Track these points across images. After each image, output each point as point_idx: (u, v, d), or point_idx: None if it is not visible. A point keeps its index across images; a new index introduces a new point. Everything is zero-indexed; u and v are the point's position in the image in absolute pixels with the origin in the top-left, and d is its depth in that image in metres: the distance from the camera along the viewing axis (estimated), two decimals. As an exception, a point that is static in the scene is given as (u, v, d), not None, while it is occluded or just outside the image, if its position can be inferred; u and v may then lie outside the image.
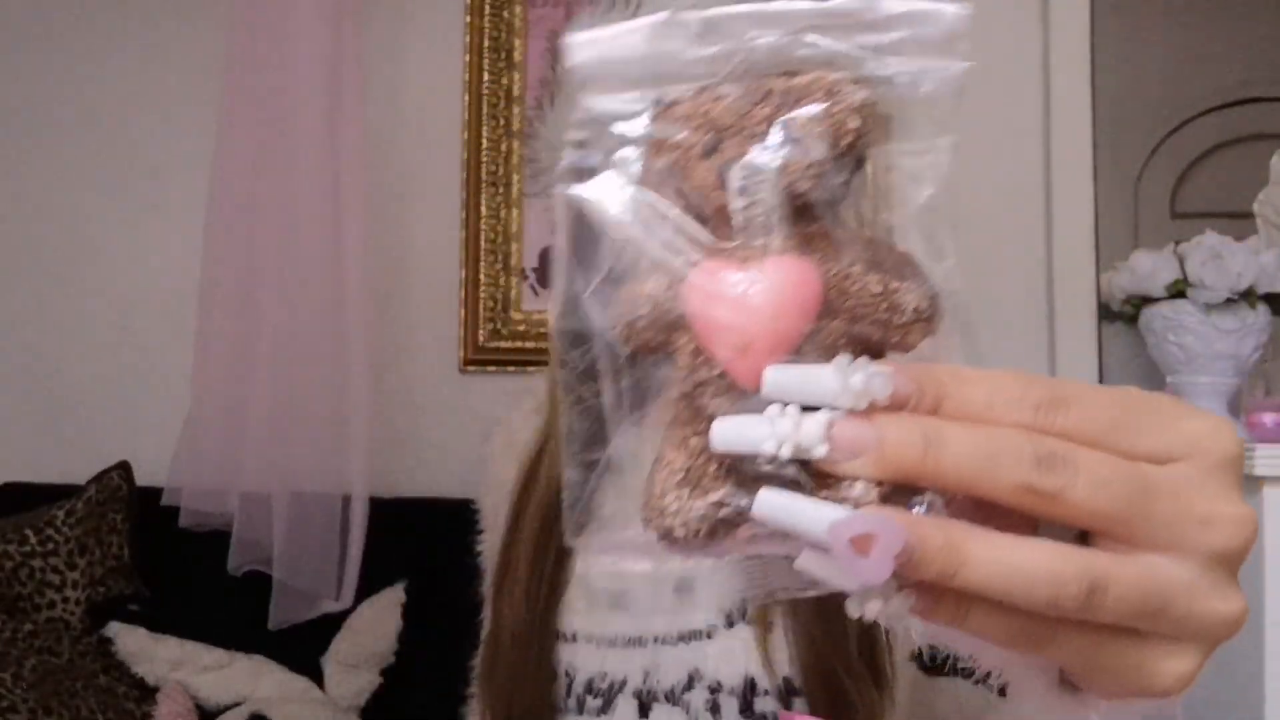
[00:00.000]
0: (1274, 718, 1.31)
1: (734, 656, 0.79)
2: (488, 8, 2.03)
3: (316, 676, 1.67)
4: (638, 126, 0.35)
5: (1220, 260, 1.61)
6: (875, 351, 0.33)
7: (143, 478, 1.80)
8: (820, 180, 0.32)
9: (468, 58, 2.03)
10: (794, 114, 0.33)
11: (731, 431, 0.31)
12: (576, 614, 0.83)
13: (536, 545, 0.85)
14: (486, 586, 0.91)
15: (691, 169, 0.34)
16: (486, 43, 2.03)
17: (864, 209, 0.35)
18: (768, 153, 0.32)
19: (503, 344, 2.00)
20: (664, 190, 0.34)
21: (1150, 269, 1.66)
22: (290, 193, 1.77)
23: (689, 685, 0.80)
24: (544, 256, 2.01)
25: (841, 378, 0.30)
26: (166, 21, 2.07)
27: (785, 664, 0.77)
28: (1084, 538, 0.32)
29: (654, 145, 0.34)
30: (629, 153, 0.35)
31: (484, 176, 2.02)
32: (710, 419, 0.32)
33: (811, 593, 0.32)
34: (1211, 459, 0.32)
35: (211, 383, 1.78)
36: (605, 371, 0.35)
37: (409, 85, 2.04)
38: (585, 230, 0.35)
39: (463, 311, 2.00)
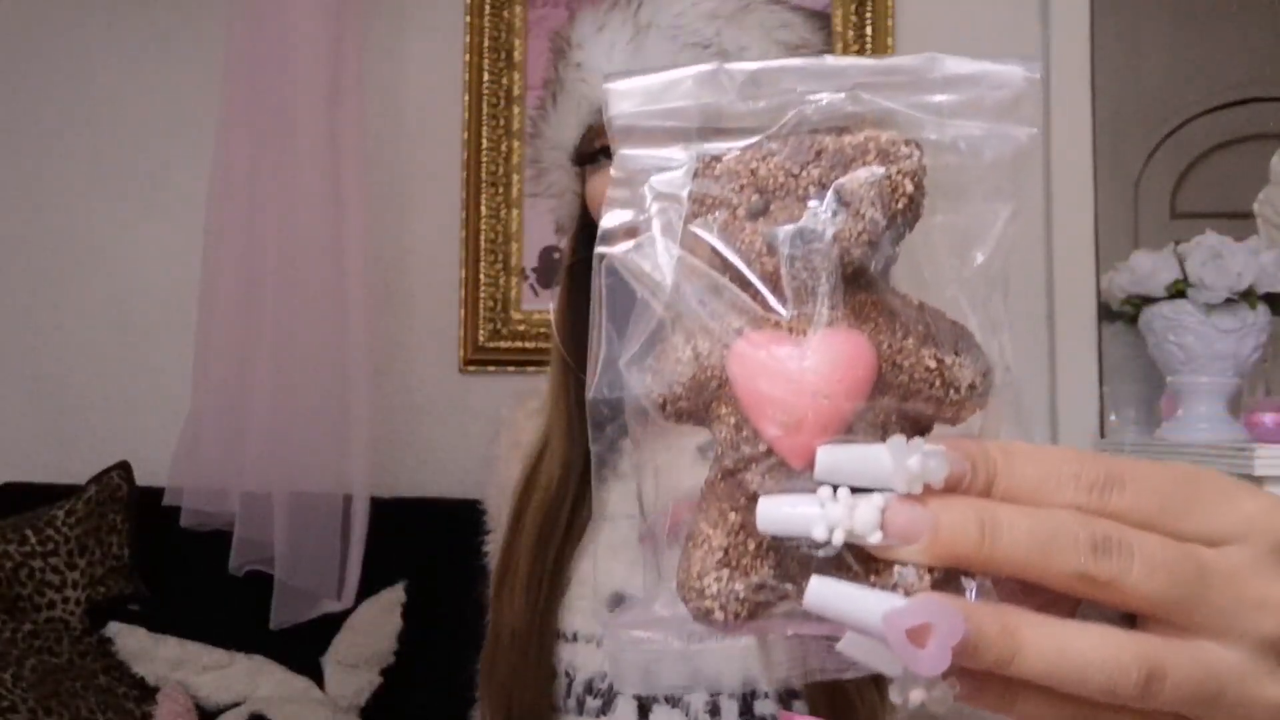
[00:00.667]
0: (1274, 718, 1.31)
1: (734, 658, 0.79)
2: (488, 8, 2.03)
3: (316, 676, 1.67)
4: (680, 182, 0.33)
5: (1220, 260, 1.61)
6: (925, 426, 0.32)
7: (143, 478, 1.80)
8: (874, 248, 0.31)
9: (468, 58, 2.03)
10: (846, 177, 0.31)
11: (780, 512, 0.30)
12: (578, 614, 0.83)
13: (537, 545, 0.85)
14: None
15: (736, 231, 0.32)
16: (486, 43, 2.03)
17: (924, 273, 0.34)
18: (819, 218, 0.31)
19: (503, 344, 2.00)
20: (705, 252, 0.32)
21: (1150, 269, 1.66)
22: (290, 193, 1.77)
23: (689, 687, 0.80)
24: (544, 256, 2.01)
25: (898, 460, 0.29)
26: (166, 21, 2.07)
27: (785, 665, 0.77)
28: (1131, 619, 0.31)
29: (696, 203, 0.33)
30: (671, 212, 0.33)
31: (484, 176, 2.02)
32: (752, 496, 0.31)
33: (850, 675, 0.32)
34: (1267, 541, 0.31)
35: (211, 383, 1.78)
36: (636, 440, 0.34)
37: (409, 85, 2.04)
38: (622, 294, 0.33)
39: (463, 311, 2.00)
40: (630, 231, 0.33)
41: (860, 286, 0.32)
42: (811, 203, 0.31)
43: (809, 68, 0.32)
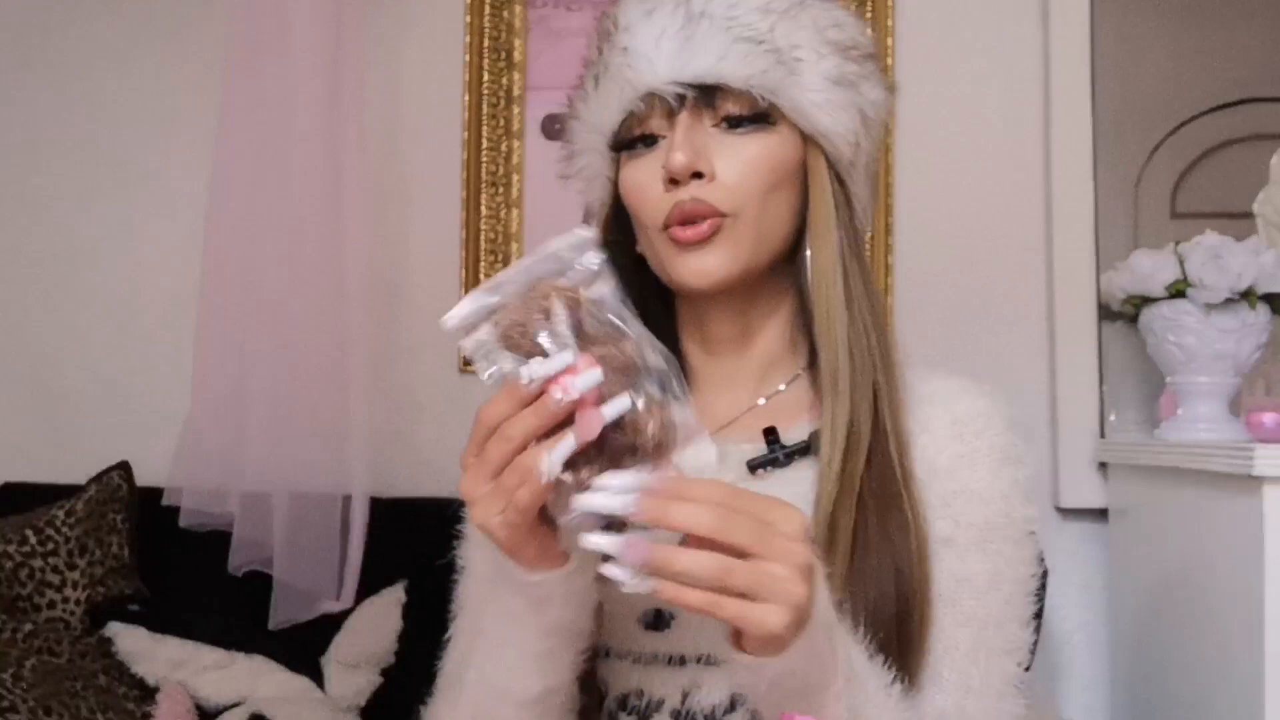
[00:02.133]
0: (1274, 718, 1.31)
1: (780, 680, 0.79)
2: (488, 8, 2.03)
3: (316, 676, 1.67)
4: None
5: (1220, 260, 1.60)
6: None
7: (143, 478, 1.80)
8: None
9: (468, 58, 2.03)
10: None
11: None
12: (609, 631, 0.81)
13: None
14: None
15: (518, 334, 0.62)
16: (486, 43, 2.03)
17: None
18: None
19: (503, 344, 2.00)
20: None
21: (1150, 269, 1.66)
22: (290, 193, 1.77)
23: (731, 707, 0.78)
24: (544, 256, 2.01)
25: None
26: (166, 21, 2.07)
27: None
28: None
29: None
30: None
31: (484, 176, 2.02)
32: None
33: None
34: (798, 528, 0.62)
35: (211, 383, 1.78)
36: None
37: (409, 85, 2.04)
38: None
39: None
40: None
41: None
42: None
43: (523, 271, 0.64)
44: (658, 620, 0.81)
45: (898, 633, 0.77)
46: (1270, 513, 1.33)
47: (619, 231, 0.87)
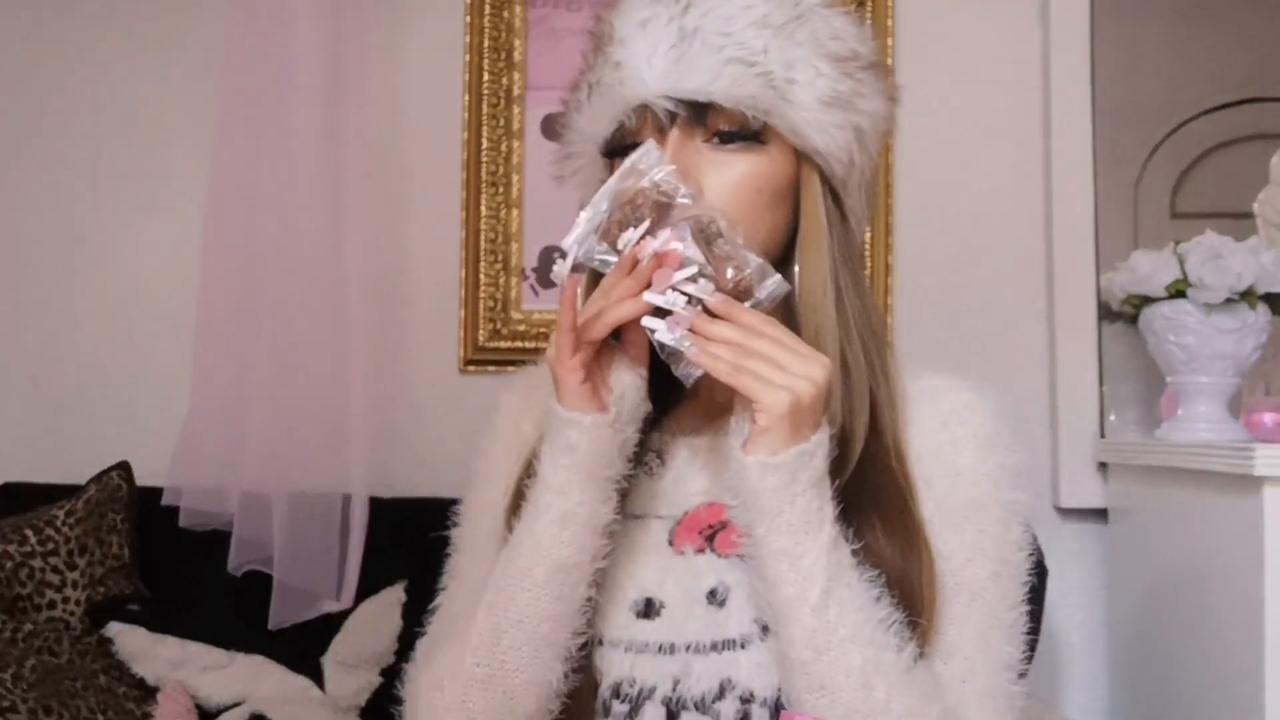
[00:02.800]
0: (1274, 718, 1.31)
1: (767, 667, 0.78)
2: (488, 8, 2.03)
3: (316, 676, 1.67)
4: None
5: (1220, 260, 1.60)
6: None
7: (143, 478, 1.80)
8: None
9: (468, 58, 2.03)
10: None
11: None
12: (602, 619, 0.82)
13: None
14: None
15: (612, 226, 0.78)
16: (486, 43, 2.03)
17: None
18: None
19: (503, 344, 2.00)
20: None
21: (1150, 269, 1.66)
22: (290, 192, 1.76)
23: (720, 694, 0.79)
24: (544, 256, 2.01)
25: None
26: (165, 20, 2.07)
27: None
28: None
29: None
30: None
31: (484, 176, 2.02)
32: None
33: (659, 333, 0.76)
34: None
35: (211, 383, 1.78)
36: None
37: (409, 85, 2.04)
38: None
39: (463, 311, 2.00)
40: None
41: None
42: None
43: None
44: (649, 609, 0.82)
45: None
46: (1270, 513, 1.33)
47: None
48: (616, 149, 0.85)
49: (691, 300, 0.75)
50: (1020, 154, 1.97)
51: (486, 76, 2.02)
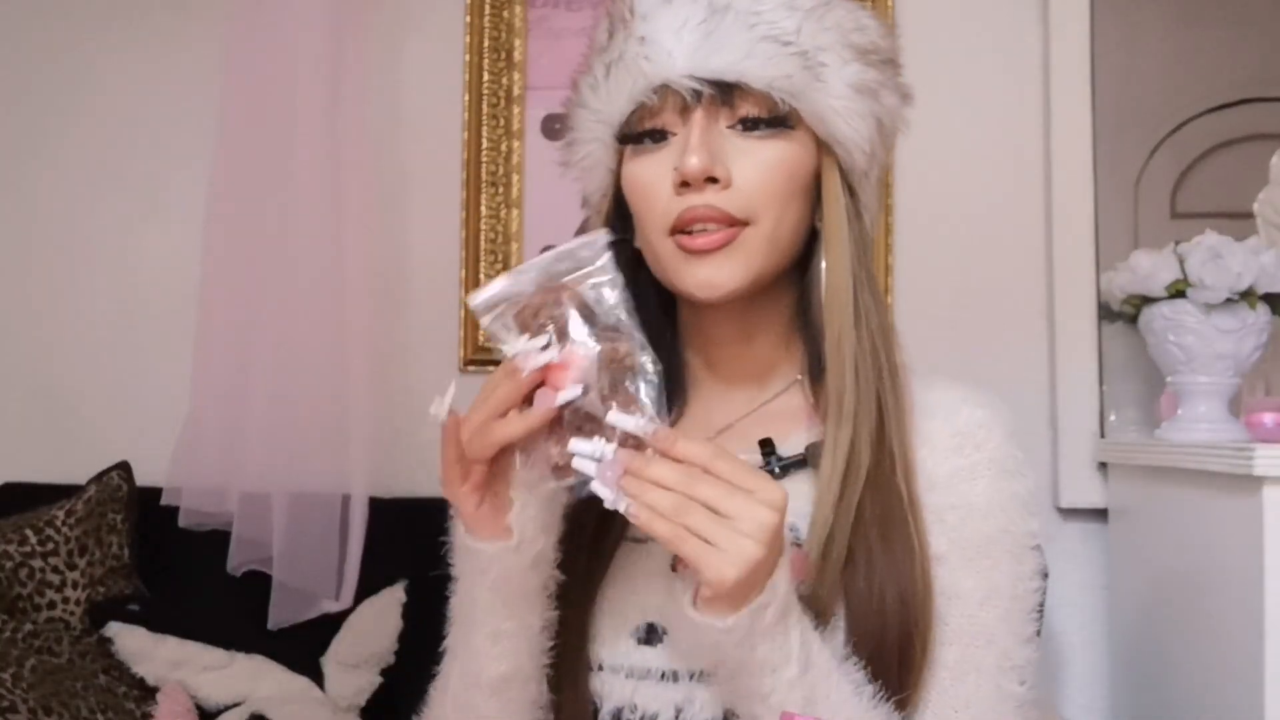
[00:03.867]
0: (1274, 717, 1.31)
1: None
2: (488, 8, 2.03)
3: (316, 676, 1.67)
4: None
5: (1220, 260, 1.60)
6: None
7: (143, 478, 1.80)
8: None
9: (468, 58, 2.03)
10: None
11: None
12: (603, 644, 0.81)
13: (561, 570, 0.83)
14: None
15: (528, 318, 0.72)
16: (486, 43, 2.03)
17: None
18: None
19: (503, 344, 2.00)
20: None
21: (1150, 269, 1.66)
22: (290, 192, 1.76)
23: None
24: (544, 256, 2.01)
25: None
26: (166, 21, 2.07)
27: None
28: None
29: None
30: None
31: (484, 176, 2.02)
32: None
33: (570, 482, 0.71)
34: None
35: (211, 383, 1.78)
36: None
37: (409, 85, 2.04)
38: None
39: (463, 311, 2.00)
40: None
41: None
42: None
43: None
44: (650, 635, 0.80)
45: (899, 657, 0.76)
46: (1270, 513, 1.33)
47: (619, 225, 0.85)
48: (632, 135, 0.82)
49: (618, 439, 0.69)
50: (1020, 154, 1.97)
51: (486, 76, 2.02)
